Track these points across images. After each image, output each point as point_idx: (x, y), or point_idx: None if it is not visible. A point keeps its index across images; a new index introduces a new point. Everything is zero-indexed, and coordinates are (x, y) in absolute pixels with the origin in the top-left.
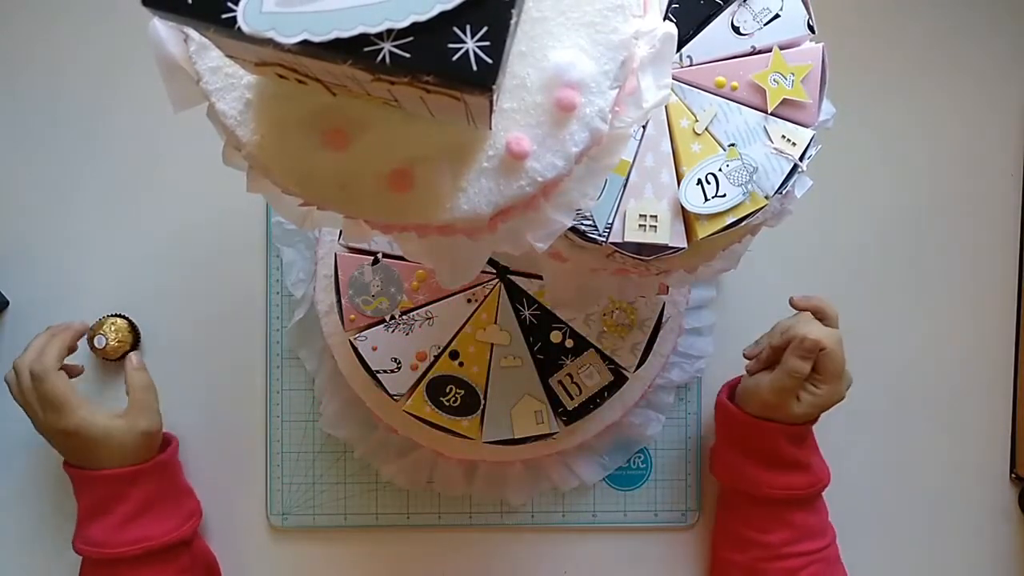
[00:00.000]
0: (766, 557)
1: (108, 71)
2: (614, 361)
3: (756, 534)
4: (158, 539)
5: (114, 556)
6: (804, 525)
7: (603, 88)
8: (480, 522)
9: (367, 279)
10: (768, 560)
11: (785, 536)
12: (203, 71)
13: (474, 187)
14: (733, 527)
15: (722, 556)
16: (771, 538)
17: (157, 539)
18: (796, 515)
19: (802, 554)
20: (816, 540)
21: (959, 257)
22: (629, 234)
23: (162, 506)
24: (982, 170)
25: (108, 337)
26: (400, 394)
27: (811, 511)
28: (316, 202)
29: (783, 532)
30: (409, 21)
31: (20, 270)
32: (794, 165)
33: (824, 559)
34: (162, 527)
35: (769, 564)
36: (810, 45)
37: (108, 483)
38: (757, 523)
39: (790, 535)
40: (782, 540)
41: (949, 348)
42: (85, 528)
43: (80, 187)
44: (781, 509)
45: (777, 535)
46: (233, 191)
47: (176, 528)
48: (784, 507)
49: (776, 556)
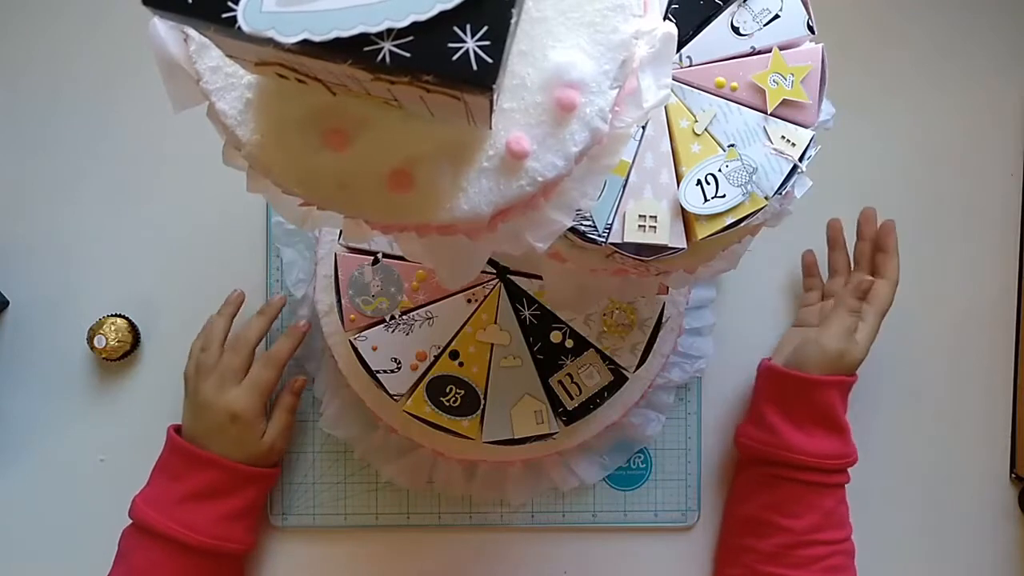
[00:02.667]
0: (792, 543)
1: (108, 71)
2: (614, 361)
3: (783, 519)
4: (235, 544)
5: (199, 544)
6: (833, 512)
7: (603, 88)
8: (480, 522)
9: (367, 279)
10: (793, 547)
11: (814, 521)
12: (203, 71)
13: (474, 187)
14: (756, 512)
15: (737, 544)
16: (799, 523)
17: (235, 544)
18: (826, 501)
19: (827, 542)
20: (840, 530)
21: (959, 257)
22: (629, 235)
23: (253, 516)
24: (982, 170)
25: (108, 337)
26: (400, 394)
27: (839, 498)
28: (316, 202)
29: (812, 516)
30: (409, 21)
31: (20, 270)
32: (794, 166)
33: (845, 551)
34: (243, 535)
35: (794, 551)
36: (810, 46)
37: (230, 473)
38: (787, 507)
39: (819, 520)
40: (810, 525)
41: (949, 347)
42: (184, 511)
43: (80, 187)
44: (813, 492)
45: (806, 520)
46: (233, 191)
47: (250, 542)
48: (816, 490)
49: (802, 543)
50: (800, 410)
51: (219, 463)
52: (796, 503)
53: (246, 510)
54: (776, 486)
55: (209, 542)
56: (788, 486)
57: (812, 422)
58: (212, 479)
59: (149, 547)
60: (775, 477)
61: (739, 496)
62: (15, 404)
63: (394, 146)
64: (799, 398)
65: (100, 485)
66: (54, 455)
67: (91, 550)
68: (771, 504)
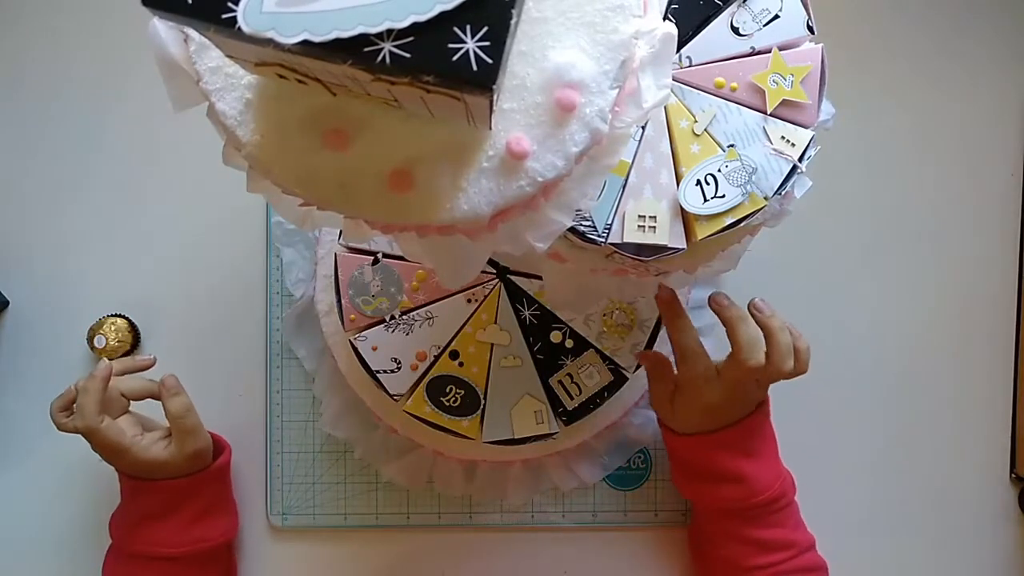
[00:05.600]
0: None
1: (108, 71)
2: (614, 361)
3: (715, 549)
4: (214, 540)
5: (175, 555)
6: (759, 540)
7: (603, 88)
8: (480, 522)
9: (367, 279)
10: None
11: (739, 550)
12: (203, 71)
13: (474, 187)
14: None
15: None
16: (728, 552)
17: (213, 540)
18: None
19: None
20: (777, 553)
21: (959, 257)
22: (628, 235)
23: (218, 508)
24: (982, 170)
25: (108, 337)
26: (400, 394)
27: (770, 524)
28: (316, 202)
29: (735, 547)
30: (409, 21)
31: (20, 270)
32: (793, 166)
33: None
34: (217, 528)
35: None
36: (809, 46)
37: (170, 491)
38: (717, 540)
39: (747, 549)
40: (736, 554)
41: (949, 348)
42: (145, 530)
43: (80, 187)
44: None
45: (730, 550)
46: (233, 191)
47: (229, 529)
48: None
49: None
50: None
51: (153, 488)
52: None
53: (205, 510)
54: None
55: (185, 549)
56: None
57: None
58: (156, 500)
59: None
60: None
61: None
62: (15, 404)
63: (394, 146)
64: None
65: (100, 485)
66: (54, 455)
67: (91, 550)
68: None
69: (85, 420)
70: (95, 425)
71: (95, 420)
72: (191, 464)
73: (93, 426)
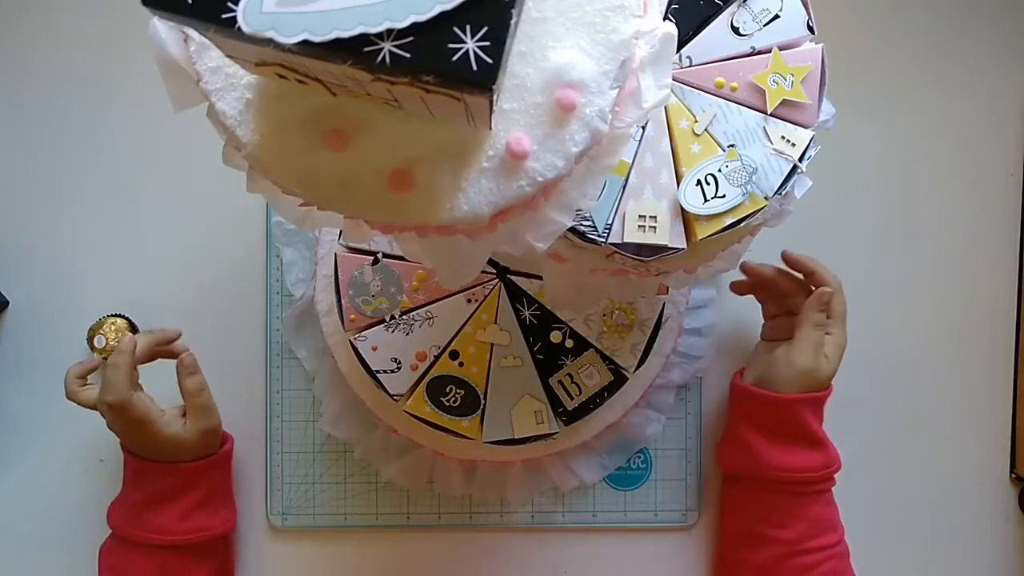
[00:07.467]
0: (783, 554)
1: (108, 71)
2: (614, 361)
3: (772, 530)
4: (213, 530)
5: (174, 543)
6: (821, 518)
7: (603, 88)
8: (480, 522)
9: (367, 279)
10: (785, 558)
11: (803, 530)
12: (203, 71)
13: (474, 187)
14: (745, 525)
15: (733, 556)
16: (788, 533)
17: (212, 530)
18: (813, 507)
19: (819, 549)
20: (831, 534)
21: (959, 257)
22: (628, 235)
23: (219, 498)
24: (982, 170)
25: (108, 337)
26: (400, 394)
27: (826, 503)
28: (316, 202)
29: (800, 525)
30: (409, 21)
31: (20, 270)
32: (793, 166)
33: (839, 555)
34: (217, 518)
35: (787, 561)
36: (810, 46)
37: (178, 475)
38: (774, 518)
39: (807, 529)
40: (800, 535)
41: (949, 348)
42: (146, 515)
43: (80, 187)
44: (799, 501)
45: (794, 529)
46: (233, 191)
47: (227, 520)
48: (802, 499)
49: (794, 552)
50: (775, 428)
51: (159, 469)
52: (783, 514)
53: (207, 498)
54: (760, 499)
55: (182, 538)
56: (772, 498)
57: (789, 439)
58: (160, 484)
59: (126, 552)
60: (758, 490)
61: (728, 508)
62: (15, 404)
63: (394, 146)
64: (773, 417)
65: (100, 485)
66: (54, 455)
67: (91, 550)
68: (758, 516)
69: (118, 394)
70: (128, 398)
71: (127, 393)
72: (202, 443)
73: (127, 399)
